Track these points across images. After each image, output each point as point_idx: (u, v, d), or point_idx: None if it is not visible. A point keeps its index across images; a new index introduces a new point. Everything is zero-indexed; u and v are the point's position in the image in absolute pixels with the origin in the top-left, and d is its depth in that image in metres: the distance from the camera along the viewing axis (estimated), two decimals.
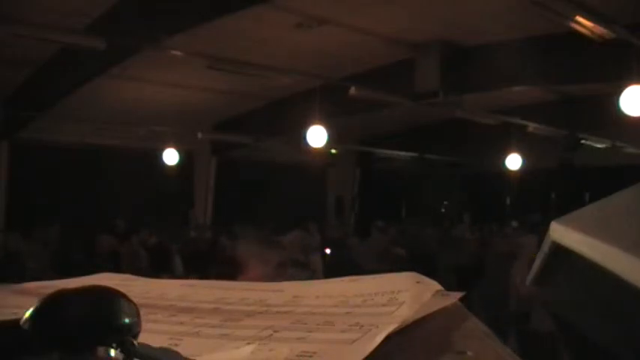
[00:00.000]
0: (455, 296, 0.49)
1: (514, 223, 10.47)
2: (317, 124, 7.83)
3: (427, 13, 6.49)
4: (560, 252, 0.45)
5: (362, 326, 0.42)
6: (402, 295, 0.47)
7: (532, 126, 9.44)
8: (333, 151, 11.34)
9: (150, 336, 0.36)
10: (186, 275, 5.90)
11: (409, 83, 7.56)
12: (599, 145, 10.69)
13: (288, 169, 12.02)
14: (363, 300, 0.49)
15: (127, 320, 0.31)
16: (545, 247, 0.48)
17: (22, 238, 7.04)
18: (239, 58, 6.86)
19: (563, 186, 11.66)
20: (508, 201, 13.76)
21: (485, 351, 0.42)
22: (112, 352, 0.30)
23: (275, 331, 0.44)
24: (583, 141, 10.46)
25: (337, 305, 0.49)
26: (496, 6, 6.16)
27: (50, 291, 0.31)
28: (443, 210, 14.67)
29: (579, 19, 5.16)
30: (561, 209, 0.52)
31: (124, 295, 0.32)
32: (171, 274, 6.18)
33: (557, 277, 0.47)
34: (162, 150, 9.57)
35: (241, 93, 9.07)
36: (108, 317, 0.31)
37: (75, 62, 6.79)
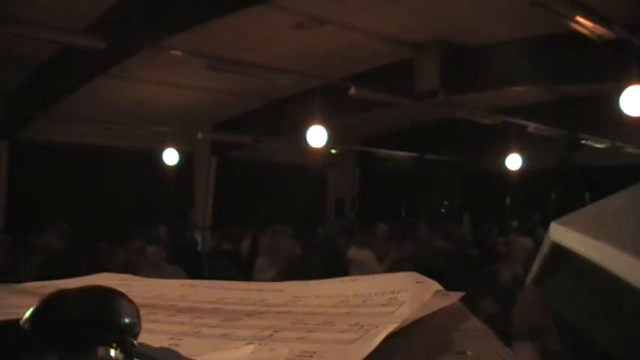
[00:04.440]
0: (455, 296, 0.49)
1: (514, 223, 10.49)
2: (317, 124, 7.83)
3: (427, 12, 6.48)
4: (559, 252, 0.45)
5: (362, 326, 0.42)
6: (402, 295, 0.47)
7: (532, 126, 9.43)
8: (333, 151, 11.34)
9: (150, 336, 0.36)
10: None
11: (409, 83, 7.56)
12: (599, 145, 10.69)
13: (288, 169, 12.02)
14: (363, 300, 0.49)
15: (127, 320, 0.31)
16: (545, 248, 0.48)
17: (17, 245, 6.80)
18: (239, 58, 6.86)
19: (563, 186, 11.66)
20: (508, 201, 13.76)
21: (485, 351, 0.42)
22: (112, 352, 0.30)
23: (275, 331, 0.44)
24: (583, 141, 10.45)
25: (337, 305, 0.49)
26: (496, 6, 6.15)
27: (50, 291, 0.31)
28: (443, 210, 14.68)
29: (579, 19, 5.15)
30: (561, 209, 0.52)
31: (124, 295, 0.32)
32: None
33: (557, 277, 0.47)
34: (162, 150, 9.57)
35: (241, 93, 9.07)
36: (108, 317, 0.31)
37: (75, 62, 6.79)
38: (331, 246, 7.71)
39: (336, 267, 5.79)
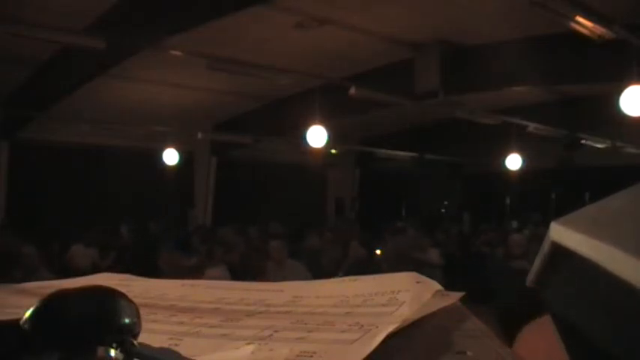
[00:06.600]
0: (455, 296, 0.49)
1: (514, 223, 10.50)
2: (317, 124, 7.83)
3: (427, 13, 6.48)
4: (559, 252, 0.45)
5: (362, 326, 0.42)
6: (402, 295, 0.47)
7: (532, 126, 9.44)
8: (333, 151, 11.35)
9: (150, 336, 0.36)
10: None
11: (409, 83, 7.56)
12: (599, 145, 10.69)
13: (288, 169, 12.03)
14: (363, 300, 0.49)
15: (127, 320, 0.31)
16: (545, 248, 0.48)
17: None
18: (239, 58, 6.86)
19: (563, 186, 11.67)
20: (508, 201, 13.76)
21: (485, 351, 0.42)
22: (112, 352, 0.30)
23: (275, 331, 0.44)
24: (583, 141, 10.46)
25: (337, 305, 0.49)
26: (496, 6, 6.16)
27: (50, 291, 0.31)
28: (443, 210, 14.69)
29: (579, 19, 5.16)
30: (561, 209, 0.52)
31: (124, 295, 0.32)
32: None
33: (557, 277, 0.47)
34: (162, 150, 9.57)
35: (241, 93, 9.08)
36: (108, 317, 0.31)
37: (75, 62, 6.80)
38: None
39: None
